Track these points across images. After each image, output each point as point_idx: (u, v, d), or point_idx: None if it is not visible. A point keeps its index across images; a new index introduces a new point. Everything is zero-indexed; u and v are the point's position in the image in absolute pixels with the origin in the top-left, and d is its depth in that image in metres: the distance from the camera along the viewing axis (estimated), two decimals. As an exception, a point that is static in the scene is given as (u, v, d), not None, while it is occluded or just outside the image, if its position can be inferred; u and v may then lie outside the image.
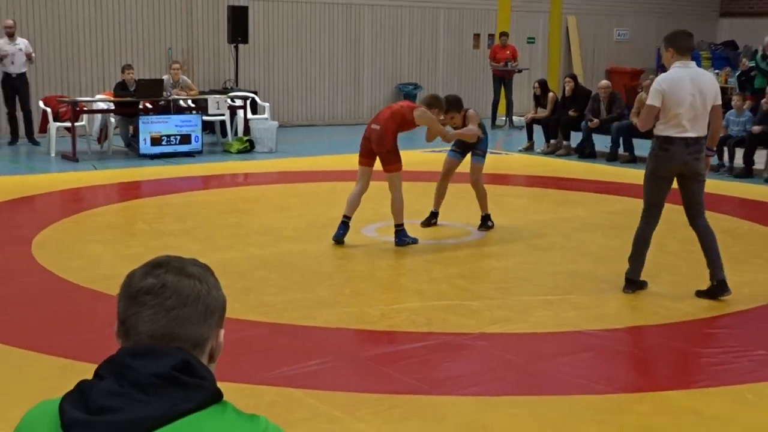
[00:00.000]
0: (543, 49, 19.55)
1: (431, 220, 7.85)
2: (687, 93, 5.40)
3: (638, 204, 9.03)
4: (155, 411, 1.32)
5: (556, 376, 4.39)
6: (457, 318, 5.29)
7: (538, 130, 13.30)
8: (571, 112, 12.97)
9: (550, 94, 13.38)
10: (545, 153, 13.02)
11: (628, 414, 3.96)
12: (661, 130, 5.52)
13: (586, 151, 12.64)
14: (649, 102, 5.50)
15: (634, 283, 5.81)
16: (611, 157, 12.35)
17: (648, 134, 12.00)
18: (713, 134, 5.63)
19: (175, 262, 1.48)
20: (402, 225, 7.04)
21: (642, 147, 12.15)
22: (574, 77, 13.48)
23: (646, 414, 3.96)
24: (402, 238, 7.01)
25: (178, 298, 1.43)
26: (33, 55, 12.54)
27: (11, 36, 12.27)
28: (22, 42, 12.43)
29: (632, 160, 12.20)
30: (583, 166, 11.83)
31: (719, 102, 5.54)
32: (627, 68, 19.95)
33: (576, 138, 12.94)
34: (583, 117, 12.75)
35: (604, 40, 20.43)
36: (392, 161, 6.90)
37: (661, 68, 21.88)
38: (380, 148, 6.87)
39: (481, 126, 7.63)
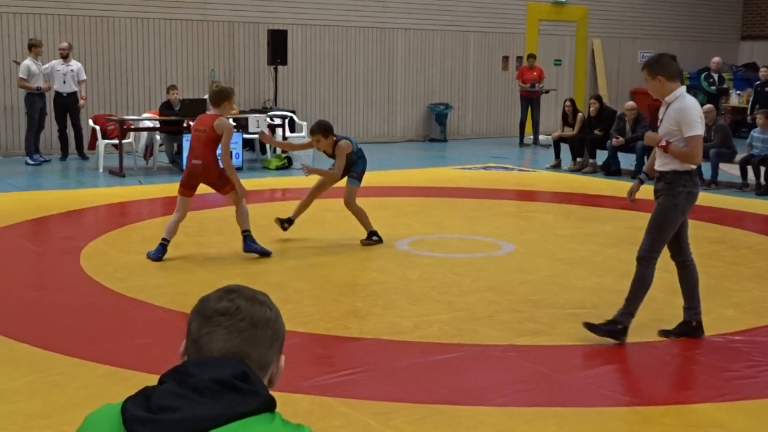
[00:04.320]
0: (569, 71, 19.62)
1: (284, 225, 7.61)
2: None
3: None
4: (211, 412, 1.39)
5: (584, 387, 4.39)
6: (487, 330, 5.31)
7: (564, 149, 13.36)
8: (596, 131, 13.07)
9: (579, 114, 13.46)
10: (572, 170, 13.10)
11: (655, 426, 3.95)
12: (687, 165, 4.96)
13: (611, 169, 12.70)
14: (698, 132, 4.88)
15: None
16: (636, 175, 12.34)
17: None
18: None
19: (246, 290, 1.58)
20: (249, 231, 7.01)
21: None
22: (599, 98, 13.57)
23: (673, 426, 3.94)
24: (249, 243, 7.00)
25: (251, 320, 1.53)
26: (84, 79, 12.94)
27: (65, 57, 12.74)
28: (75, 64, 12.88)
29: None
30: (608, 183, 11.84)
31: None
32: (651, 89, 20.00)
33: (602, 156, 12.98)
34: (608, 136, 12.80)
35: (629, 62, 20.41)
36: (224, 184, 6.96)
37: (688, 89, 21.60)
38: (209, 179, 6.93)
39: (356, 153, 7.54)
